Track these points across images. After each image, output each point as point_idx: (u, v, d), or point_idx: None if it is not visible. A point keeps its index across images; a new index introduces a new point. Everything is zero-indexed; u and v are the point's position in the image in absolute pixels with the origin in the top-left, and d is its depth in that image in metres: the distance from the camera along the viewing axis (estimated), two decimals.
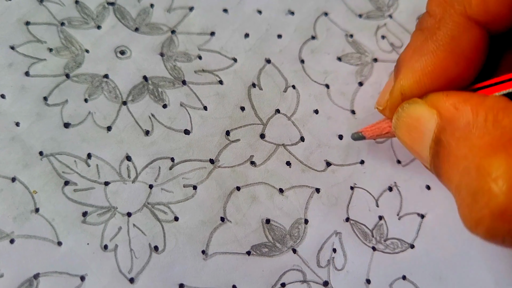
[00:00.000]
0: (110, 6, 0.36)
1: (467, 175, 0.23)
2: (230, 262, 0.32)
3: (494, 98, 0.24)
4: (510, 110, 0.23)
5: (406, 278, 0.33)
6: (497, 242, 0.22)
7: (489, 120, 0.23)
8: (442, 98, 0.25)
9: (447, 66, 0.26)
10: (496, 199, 0.21)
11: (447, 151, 0.24)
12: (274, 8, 0.38)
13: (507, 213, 0.21)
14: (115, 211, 0.32)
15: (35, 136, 0.33)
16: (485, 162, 0.22)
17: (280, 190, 0.34)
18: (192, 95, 0.35)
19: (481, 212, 0.22)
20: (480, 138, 0.23)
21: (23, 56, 0.34)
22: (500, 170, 0.21)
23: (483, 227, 0.22)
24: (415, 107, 0.27)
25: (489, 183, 0.21)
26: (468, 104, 0.24)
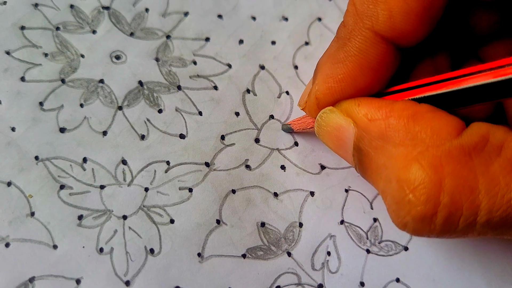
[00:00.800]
0: (105, 11, 0.37)
1: (389, 184, 0.25)
2: (225, 265, 0.32)
3: (402, 105, 0.25)
4: (419, 117, 0.24)
5: (400, 280, 0.33)
6: (424, 237, 0.26)
7: (401, 130, 0.24)
8: (354, 107, 0.27)
9: (355, 76, 0.27)
10: (416, 208, 0.23)
11: (368, 159, 0.26)
12: (268, 14, 0.39)
13: (426, 219, 0.23)
14: (111, 214, 0.32)
15: (31, 141, 0.33)
16: (403, 175, 0.24)
17: (275, 194, 0.34)
18: (187, 100, 0.35)
19: (405, 218, 0.24)
20: (395, 148, 0.24)
21: (19, 61, 0.34)
22: (416, 183, 0.23)
23: (409, 229, 0.25)
24: (333, 117, 0.28)
25: (408, 194, 0.23)
26: (379, 113, 0.25)
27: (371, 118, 0.25)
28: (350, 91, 0.28)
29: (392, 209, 0.25)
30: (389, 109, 0.25)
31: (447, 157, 0.23)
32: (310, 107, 0.30)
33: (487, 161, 0.23)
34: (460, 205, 0.23)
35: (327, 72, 0.28)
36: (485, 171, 0.23)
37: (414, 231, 0.24)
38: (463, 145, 0.23)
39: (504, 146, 0.23)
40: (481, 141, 0.23)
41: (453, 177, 0.23)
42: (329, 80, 0.28)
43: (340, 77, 0.28)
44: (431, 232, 0.24)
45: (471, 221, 0.23)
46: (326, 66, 0.28)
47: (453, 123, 0.24)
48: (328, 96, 0.28)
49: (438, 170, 0.23)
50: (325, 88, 0.28)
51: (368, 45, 0.27)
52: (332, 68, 0.28)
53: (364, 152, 0.26)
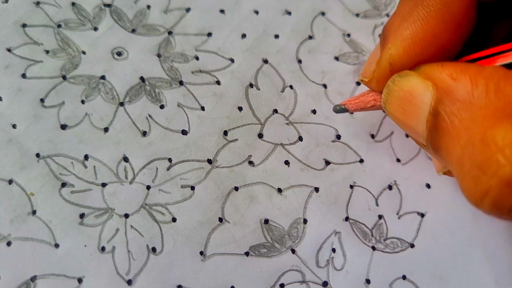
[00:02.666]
0: (107, 8, 0.36)
1: (471, 147, 0.22)
2: (228, 263, 0.32)
3: (493, 68, 0.23)
4: (510, 77, 0.22)
5: (406, 277, 0.33)
6: (503, 215, 0.22)
7: (491, 90, 0.22)
8: (437, 69, 0.25)
9: (438, 33, 0.26)
10: (503, 169, 0.21)
11: (446, 124, 0.24)
12: (271, 8, 0.38)
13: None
14: (113, 212, 0.32)
15: (32, 138, 0.33)
16: (490, 133, 0.21)
17: (279, 189, 0.34)
18: (189, 95, 0.35)
19: (488, 183, 0.21)
20: (482, 109, 0.22)
21: (20, 58, 0.34)
22: (506, 140, 0.21)
23: (490, 198, 0.22)
24: (408, 80, 0.26)
25: (496, 153, 0.21)
26: (466, 74, 0.23)
27: (457, 78, 0.23)
28: (432, 50, 0.26)
29: (471, 175, 0.22)
30: (478, 70, 0.23)
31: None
32: (381, 75, 0.28)
33: None
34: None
35: (403, 33, 0.26)
36: None
37: (495, 202, 0.22)
38: None
39: None
40: None
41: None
42: (406, 41, 0.26)
43: (421, 36, 0.26)
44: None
45: None
46: (402, 27, 0.26)
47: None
48: (405, 59, 0.26)
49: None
50: (402, 50, 0.26)
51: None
52: (410, 28, 0.26)
53: (443, 116, 0.24)
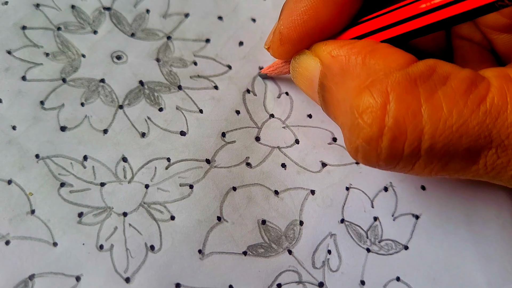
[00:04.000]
0: (106, 11, 0.37)
1: (346, 114, 0.27)
2: (226, 262, 0.32)
3: (363, 43, 0.27)
4: (375, 52, 0.26)
5: (400, 279, 0.33)
6: (375, 166, 0.27)
7: (358, 63, 0.26)
8: (321, 47, 0.28)
9: (318, 9, 0.29)
10: (363, 131, 0.25)
11: (330, 95, 0.28)
12: (268, 16, 0.39)
13: (373, 141, 0.25)
14: (111, 211, 0.32)
15: (32, 139, 0.33)
16: (354, 102, 0.25)
17: (276, 192, 0.34)
18: (187, 99, 0.35)
19: (356, 143, 0.26)
20: (352, 81, 0.26)
21: (20, 61, 0.34)
22: (364, 107, 0.25)
23: (360, 154, 0.26)
24: (303, 57, 0.30)
25: (358, 118, 0.25)
26: (342, 50, 0.27)
27: (334, 55, 0.27)
28: (312, 24, 0.29)
29: (347, 137, 0.27)
30: (351, 46, 0.27)
31: (394, 84, 0.25)
32: (274, 43, 0.32)
33: (432, 89, 0.24)
34: (404, 128, 0.24)
35: (291, 6, 0.30)
36: (429, 98, 0.24)
37: (364, 157, 0.26)
38: (410, 74, 0.25)
39: (451, 77, 0.25)
40: (427, 70, 0.25)
41: (397, 101, 0.24)
42: (292, 13, 0.29)
43: (303, 10, 0.29)
44: (379, 157, 0.25)
45: (415, 146, 0.25)
46: (291, 1, 0.30)
47: (405, 57, 0.26)
48: (291, 30, 0.30)
49: (384, 95, 0.24)
50: (289, 21, 0.30)
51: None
52: (296, 2, 0.29)
53: (327, 88, 0.28)
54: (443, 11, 0.25)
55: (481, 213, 0.35)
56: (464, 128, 0.24)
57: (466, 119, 0.24)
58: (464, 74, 0.25)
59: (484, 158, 0.25)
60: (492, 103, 0.24)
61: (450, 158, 0.25)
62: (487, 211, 0.35)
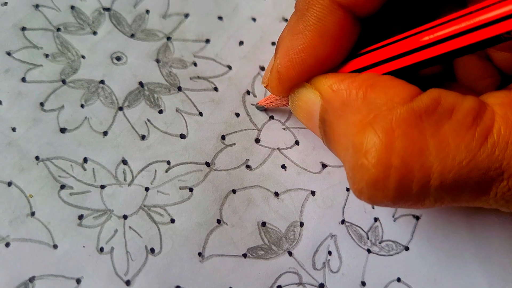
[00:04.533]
0: (106, 12, 0.37)
1: (347, 151, 0.25)
2: (226, 264, 0.32)
3: (364, 76, 0.26)
4: (376, 85, 0.25)
5: (401, 280, 0.33)
6: (382, 205, 0.26)
7: (359, 98, 0.25)
8: (321, 80, 0.28)
9: (315, 46, 0.28)
10: (368, 172, 0.24)
11: (331, 130, 0.27)
12: (269, 15, 0.39)
13: (379, 183, 0.24)
14: (111, 214, 0.32)
15: (32, 141, 0.33)
16: (357, 140, 0.24)
17: (276, 193, 0.34)
18: (187, 101, 0.35)
19: (360, 184, 0.25)
20: (353, 116, 0.25)
21: (20, 62, 0.34)
22: (368, 146, 0.24)
23: (365, 195, 0.25)
24: (303, 91, 0.29)
25: (361, 158, 0.24)
26: (342, 84, 0.26)
27: (335, 89, 0.26)
28: (311, 61, 0.28)
29: (349, 176, 0.26)
30: (352, 80, 0.26)
31: (398, 120, 0.24)
32: (272, 82, 0.31)
33: (438, 123, 0.24)
34: (411, 167, 0.23)
35: (287, 45, 0.29)
36: (435, 133, 0.23)
37: (370, 198, 0.25)
38: (414, 108, 0.24)
39: (456, 109, 0.24)
40: (432, 104, 0.24)
41: (403, 139, 0.23)
42: (289, 52, 0.29)
43: (300, 48, 0.28)
44: (386, 197, 0.24)
45: (424, 183, 0.24)
46: (287, 39, 0.29)
47: (408, 89, 0.25)
48: (289, 69, 0.29)
49: (389, 133, 0.23)
50: (286, 60, 0.29)
51: (326, 13, 0.27)
52: (292, 40, 0.28)
53: (328, 122, 0.27)
54: (447, 44, 0.24)
55: (482, 214, 0.35)
56: (473, 162, 0.23)
57: (475, 153, 0.23)
58: (469, 105, 0.24)
59: (495, 189, 0.24)
60: (499, 134, 0.23)
61: (460, 192, 0.24)
62: (487, 211, 0.35)
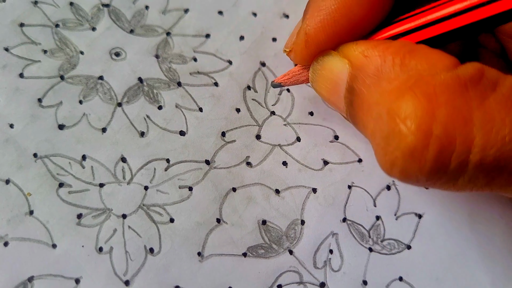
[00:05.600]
0: (105, 8, 0.36)
1: (380, 120, 0.23)
2: (226, 263, 0.32)
3: (399, 43, 0.25)
4: (415, 52, 0.23)
5: (403, 279, 0.33)
6: (412, 182, 0.24)
7: (397, 64, 0.23)
8: (351, 46, 0.26)
9: (350, 6, 0.26)
10: (406, 140, 0.22)
11: (360, 99, 0.25)
12: (269, 11, 0.38)
13: (417, 152, 0.22)
14: (110, 213, 0.32)
15: (29, 138, 0.33)
16: (395, 105, 0.22)
17: (277, 191, 0.34)
18: (187, 96, 0.35)
19: (393, 154, 0.23)
20: (389, 83, 0.23)
21: (18, 58, 0.34)
22: (408, 111, 0.22)
23: (397, 168, 0.23)
24: (328, 59, 0.27)
25: (399, 125, 0.22)
26: (376, 50, 0.24)
27: (367, 55, 0.25)
28: (344, 23, 0.26)
29: (381, 147, 0.24)
30: (386, 46, 0.24)
31: (442, 86, 0.22)
32: (298, 46, 0.28)
33: (483, 94, 0.22)
34: (453, 138, 0.22)
35: (319, 4, 0.27)
36: (481, 104, 0.22)
37: (403, 171, 0.23)
38: (460, 76, 0.22)
39: (499, 82, 0.22)
40: (477, 73, 0.22)
41: (448, 107, 0.22)
42: (321, 12, 0.27)
43: (334, 8, 0.26)
44: (421, 170, 0.22)
45: (463, 158, 0.22)
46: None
47: (450, 58, 0.23)
48: (319, 31, 0.27)
49: (432, 99, 0.22)
50: (317, 21, 0.27)
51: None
52: (325, 0, 0.27)
53: (357, 91, 0.25)
54: (482, 9, 0.23)
55: (485, 212, 0.34)
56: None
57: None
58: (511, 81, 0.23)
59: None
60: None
61: (499, 173, 0.22)
62: (490, 210, 0.34)
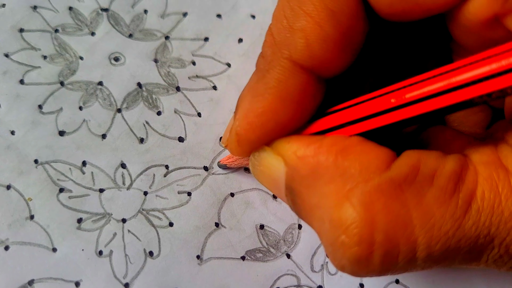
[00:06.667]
0: (104, 13, 0.36)
1: (323, 225, 0.23)
2: (224, 267, 0.32)
3: (331, 140, 0.24)
4: (347, 151, 0.23)
5: (399, 282, 0.33)
6: (366, 277, 0.25)
7: (330, 166, 0.23)
8: (284, 145, 0.25)
9: (276, 109, 0.25)
10: (350, 250, 0.22)
11: (301, 200, 0.25)
12: (268, 12, 0.38)
13: (362, 260, 0.22)
14: (110, 217, 0.32)
15: (30, 144, 0.33)
16: (334, 214, 0.22)
17: (274, 196, 0.34)
18: (186, 101, 0.35)
19: (341, 261, 0.23)
20: (326, 186, 0.23)
21: (18, 64, 0.34)
22: (348, 222, 0.22)
23: (348, 271, 0.23)
24: (264, 156, 0.27)
25: (341, 235, 0.22)
26: (308, 150, 0.24)
27: (301, 156, 0.24)
28: (271, 125, 0.26)
29: (329, 251, 0.24)
30: (318, 145, 0.24)
31: (377, 192, 0.22)
32: (231, 144, 0.28)
33: (420, 192, 0.22)
34: (396, 241, 0.22)
35: (247, 107, 0.26)
36: (418, 203, 0.22)
37: (353, 273, 0.23)
38: (393, 178, 0.22)
39: (437, 174, 0.22)
40: (411, 171, 0.22)
41: (385, 213, 0.22)
42: (249, 114, 0.26)
43: (260, 111, 0.26)
44: (371, 272, 0.23)
45: (411, 257, 0.22)
46: (246, 100, 0.27)
47: (382, 155, 0.23)
48: (249, 132, 0.26)
49: (368, 207, 0.22)
50: (246, 123, 0.26)
51: (288, 76, 0.25)
52: (252, 102, 0.26)
53: (296, 192, 0.25)
54: (418, 105, 0.22)
55: None
56: (460, 231, 0.22)
57: (461, 222, 0.22)
58: (450, 168, 0.22)
59: (486, 256, 0.23)
60: (483, 198, 0.22)
61: (450, 261, 0.23)
62: None
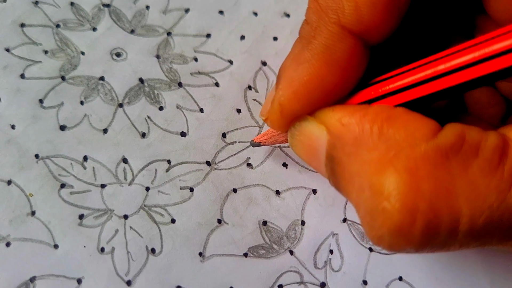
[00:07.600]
0: (106, 8, 0.36)
1: (363, 193, 0.23)
2: (227, 264, 0.32)
3: (377, 109, 0.24)
4: (393, 119, 0.23)
5: (403, 279, 0.33)
6: (401, 252, 0.24)
7: (375, 133, 0.23)
8: (328, 113, 0.25)
9: (322, 76, 0.25)
10: (391, 218, 0.21)
11: (341, 168, 0.24)
12: (270, 10, 0.38)
13: (404, 229, 0.21)
14: (112, 213, 0.32)
15: (31, 138, 0.33)
16: (376, 180, 0.22)
17: (277, 191, 0.34)
18: (188, 97, 0.35)
19: (380, 230, 0.22)
20: (368, 153, 0.22)
21: (19, 58, 0.34)
22: (390, 188, 0.21)
23: (385, 243, 0.22)
24: (306, 125, 0.26)
25: (383, 202, 0.21)
26: (353, 117, 0.24)
27: (345, 123, 0.24)
28: (317, 93, 0.25)
29: (366, 221, 0.23)
30: (364, 113, 0.23)
31: (423, 159, 0.21)
32: (273, 115, 0.27)
33: (465, 162, 0.21)
34: (440, 211, 0.21)
35: (291, 75, 0.26)
36: (464, 173, 0.21)
37: (392, 245, 0.22)
38: (440, 146, 0.21)
39: (481, 146, 0.22)
40: (458, 140, 0.22)
41: (431, 180, 0.21)
42: (294, 83, 0.26)
43: (306, 78, 0.25)
44: (411, 244, 0.22)
45: (452, 229, 0.21)
46: (291, 68, 0.26)
47: (429, 124, 0.22)
48: (293, 102, 0.26)
49: (414, 173, 0.21)
50: (290, 92, 0.26)
51: (335, 41, 0.25)
52: (297, 70, 0.26)
53: (337, 160, 0.24)
54: (464, 72, 0.22)
55: None
56: (505, 205, 0.21)
57: (506, 194, 0.21)
58: (493, 142, 0.22)
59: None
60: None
61: (490, 237, 0.22)
62: None
